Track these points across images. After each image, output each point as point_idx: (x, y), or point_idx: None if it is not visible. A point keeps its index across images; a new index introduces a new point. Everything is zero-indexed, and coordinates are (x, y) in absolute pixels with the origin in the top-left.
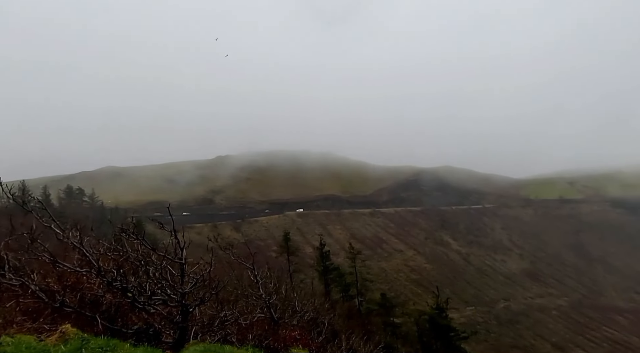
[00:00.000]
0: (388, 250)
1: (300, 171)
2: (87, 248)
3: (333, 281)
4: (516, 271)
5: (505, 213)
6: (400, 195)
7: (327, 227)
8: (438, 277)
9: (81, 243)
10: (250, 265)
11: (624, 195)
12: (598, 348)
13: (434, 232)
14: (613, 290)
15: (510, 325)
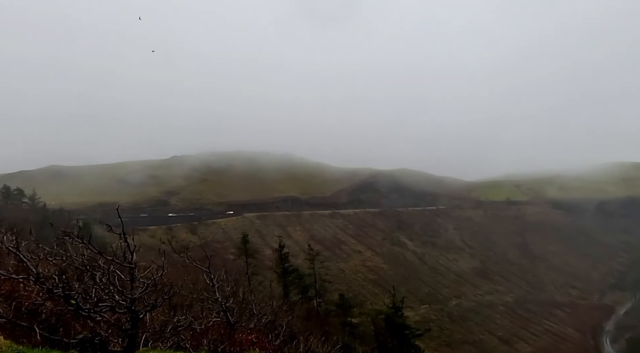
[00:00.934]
0: (347, 251)
1: (259, 172)
2: (25, 253)
3: (292, 283)
4: (467, 270)
5: (457, 215)
6: (359, 196)
7: (287, 228)
8: (395, 277)
9: (17, 248)
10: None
11: (563, 197)
12: (539, 340)
13: (391, 232)
14: (552, 285)
15: (462, 321)
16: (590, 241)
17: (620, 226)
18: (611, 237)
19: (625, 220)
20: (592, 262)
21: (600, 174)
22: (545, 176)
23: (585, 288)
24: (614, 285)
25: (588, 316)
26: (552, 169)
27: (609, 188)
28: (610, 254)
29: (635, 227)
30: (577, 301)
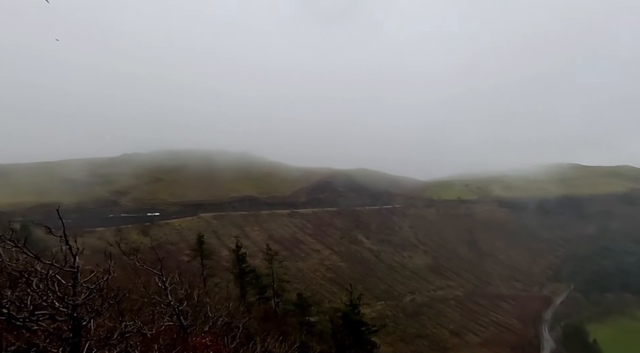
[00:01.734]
0: (305, 250)
1: (215, 171)
2: None
3: (249, 283)
4: (421, 266)
5: (412, 213)
6: (317, 196)
7: (245, 228)
8: (352, 275)
9: None
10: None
11: (508, 196)
12: (486, 331)
13: (349, 231)
14: (499, 279)
15: (415, 316)
16: (531, 237)
17: (558, 223)
18: (550, 233)
19: (562, 217)
20: (533, 257)
21: (540, 174)
22: (492, 176)
23: (527, 281)
24: (552, 277)
25: (529, 307)
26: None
27: (548, 188)
28: (549, 249)
29: (571, 223)
30: (520, 293)
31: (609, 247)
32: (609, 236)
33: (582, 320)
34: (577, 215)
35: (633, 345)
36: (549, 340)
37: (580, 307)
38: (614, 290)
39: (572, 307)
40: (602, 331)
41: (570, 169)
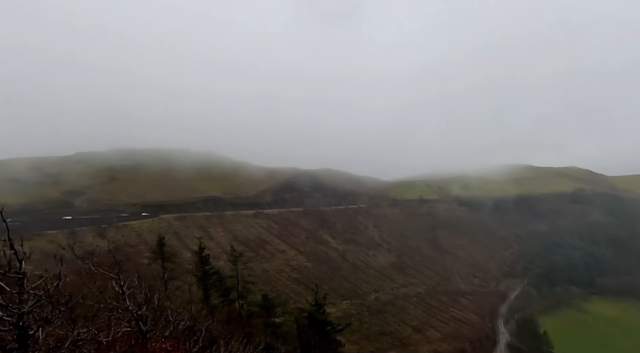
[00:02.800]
0: (271, 251)
1: (176, 171)
2: None
3: (213, 286)
4: (385, 265)
5: (376, 213)
6: (283, 196)
7: (208, 229)
8: (318, 275)
9: None
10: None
11: (467, 195)
12: (447, 326)
13: (315, 231)
14: (458, 276)
15: (379, 314)
16: (488, 234)
17: (513, 221)
18: (505, 231)
19: (517, 216)
20: (490, 253)
21: (497, 174)
22: (452, 176)
23: (485, 277)
24: (507, 273)
25: (486, 302)
26: (458, 170)
27: (504, 188)
28: (505, 246)
29: (525, 221)
30: (478, 289)
31: (558, 243)
32: (558, 233)
33: (534, 313)
34: (530, 214)
35: (579, 335)
36: (504, 333)
37: (532, 301)
38: (563, 283)
39: (525, 301)
40: (552, 323)
41: (524, 170)
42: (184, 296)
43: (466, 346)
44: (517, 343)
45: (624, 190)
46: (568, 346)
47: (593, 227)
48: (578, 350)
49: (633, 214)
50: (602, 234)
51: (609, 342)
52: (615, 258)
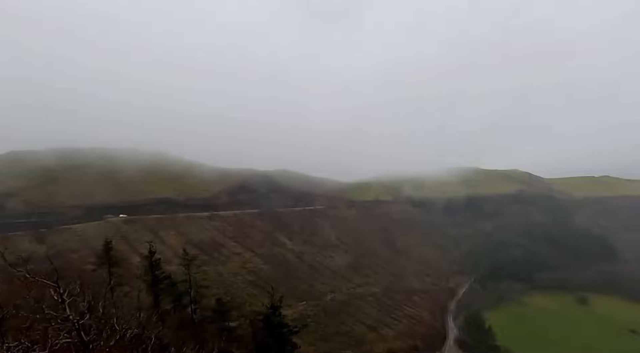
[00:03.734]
0: (226, 253)
1: (122, 171)
2: None
3: (164, 291)
4: (342, 265)
5: (333, 214)
6: (238, 197)
7: (159, 233)
8: (274, 277)
9: None
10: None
11: (420, 196)
12: (400, 324)
13: (271, 233)
14: (411, 275)
15: (336, 314)
16: (440, 234)
17: (462, 220)
18: (455, 230)
19: (465, 216)
20: (441, 252)
21: (448, 176)
22: (406, 178)
23: (436, 275)
24: (457, 271)
25: (437, 299)
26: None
27: (454, 189)
28: (454, 244)
29: (473, 221)
30: (430, 287)
31: (502, 241)
32: (502, 232)
33: (480, 308)
34: (478, 214)
35: (519, 327)
36: (453, 328)
37: (478, 297)
38: (505, 279)
39: (472, 297)
40: (496, 316)
41: (473, 173)
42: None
43: (418, 342)
44: (464, 338)
45: (559, 191)
46: (510, 338)
47: (532, 226)
48: (518, 341)
49: (567, 214)
50: (540, 233)
51: (545, 332)
52: (551, 254)
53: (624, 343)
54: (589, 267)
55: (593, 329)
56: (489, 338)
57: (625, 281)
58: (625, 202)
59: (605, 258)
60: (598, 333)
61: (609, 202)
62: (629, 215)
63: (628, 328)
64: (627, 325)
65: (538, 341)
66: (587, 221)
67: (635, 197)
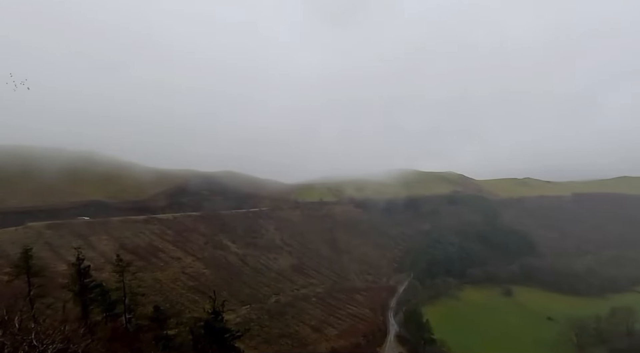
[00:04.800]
0: (164, 258)
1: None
2: None
3: (94, 301)
4: (286, 267)
5: (278, 215)
6: (179, 200)
7: (89, 238)
8: (216, 281)
9: None
10: None
11: (362, 197)
12: (343, 323)
13: (214, 236)
14: (354, 274)
15: (280, 316)
16: (381, 234)
17: (401, 220)
18: (395, 230)
19: (405, 216)
20: (382, 251)
21: (389, 178)
22: (349, 180)
23: (377, 274)
24: (396, 268)
25: (379, 297)
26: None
27: (395, 190)
28: (394, 243)
29: (412, 221)
30: (372, 285)
31: (438, 239)
32: (438, 231)
33: (418, 303)
34: (416, 214)
35: (455, 321)
36: (394, 324)
37: (417, 293)
38: (441, 275)
39: (411, 294)
40: (433, 311)
41: (412, 174)
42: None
43: (361, 340)
44: (404, 333)
45: (488, 192)
46: (445, 331)
47: (465, 225)
48: (453, 333)
49: (495, 213)
50: (472, 231)
51: (476, 324)
52: (482, 251)
53: (542, 330)
54: (513, 262)
55: (516, 319)
56: (426, 333)
57: (544, 273)
58: (543, 202)
59: (526, 253)
60: (520, 322)
61: (529, 202)
62: (545, 214)
63: (545, 316)
64: (545, 313)
65: (470, 333)
66: (511, 219)
67: (551, 197)
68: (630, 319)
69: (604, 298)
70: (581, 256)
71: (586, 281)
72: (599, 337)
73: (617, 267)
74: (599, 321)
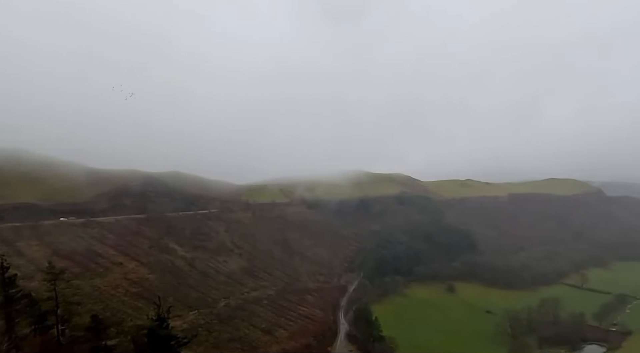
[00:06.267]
0: (105, 264)
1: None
2: None
3: (21, 312)
4: (236, 270)
5: (228, 217)
6: (122, 202)
7: (17, 244)
8: (162, 286)
9: None
10: None
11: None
12: (295, 324)
13: (159, 239)
14: (306, 275)
15: (229, 320)
16: (332, 234)
17: (352, 221)
18: (346, 230)
19: (356, 216)
20: (333, 252)
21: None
22: (302, 180)
23: (329, 274)
24: (347, 268)
25: (330, 297)
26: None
27: (346, 191)
28: (346, 244)
29: (363, 221)
30: (323, 285)
31: (387, 239)
32: (387, 230)
33: (368, 302)
34: (367, 214)
35: (402, 318)
36: (344, 323)
37: (367, 291)
38: (390, 274)
39: (362, 293)
40: (381, 309)
41: (363, 176)
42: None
43: (311, 341)
44: (354, 332)
45: (433, 193)
46: (393, 327)
47: (412, 225)
48: (401, 330)
49: (440, 213)
50: (419, 230)
51: (422, 319)
52: (427, 249)
53: (482, 323)
54: (456, 259)
55: (459, 313)
56: (375, 330)
57: (483, 270)
58: (483, 202)
59: (468, 251)
60: (462, 316)
61: (470, 202)
62: (485, 213)
63: (485, 310)
64: (485, 307)
65: (416, 328)
66: (454, 219)
67: (490, 198)
68: (556, 309)
69: (536, 291)
70: (517, 253)
71: (520, 276)
72: (530, 326)
73: (548, 262)
74: (530, 312)
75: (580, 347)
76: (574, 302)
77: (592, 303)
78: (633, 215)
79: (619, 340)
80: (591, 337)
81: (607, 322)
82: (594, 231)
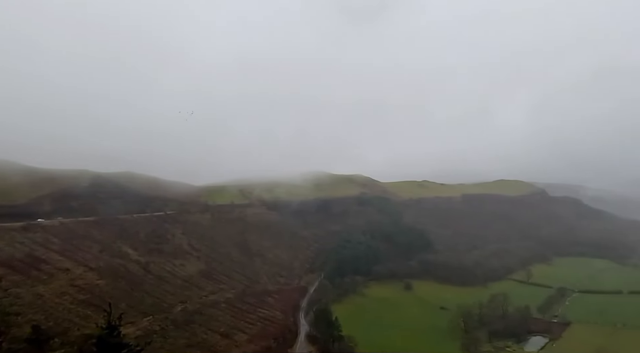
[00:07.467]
0: (49, 270)
1: None
2: None
3: None
4: (193, 273)
5: (186, 219)
6: (68, 203)
7: None
8: (113, 292)
9: None
10: None
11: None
12: (254, 327)
13: (111, 243)
14: (266, 277)
15: (186, 325)
16: (293, 235)
17: (313, 222)
18: (307, 231)
19: (316, 217)
20: (294, 253)
21: (301, 180)
22: (262, 182)
23: (289, 275)
24: (308, 269)
25: (290, 298)
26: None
27: (307, 192)
28: (306, 245)
29: (323, 222)
30: (284, 287)
31: (347, 239)
32: (347, 231)
33: (328, 302)
34: (327, 215)
35: (361, 317)
36: (305, 324)
37: (327, 292)
38: (350, 274)
39: (322, 293)
40: (341, 309)
41: (324, 177)
42: None
43: (271, 343)
44: (314, 332)
45: (392, 193)
46: (353, 327)
47: (371, 225)
48: (360, 329)
49: (398, 213)
50: (378, 230)
51: (381, 318)
52: (386, 249)
53: (436, 319)
54: (413, 258)
55: (415, 310)
56: (335, 330)
57: (438, 268)
58: (438, 202)
59: (424, 250)
60: (419, 313)
61: (426, 202)
62: (440, 213)
63: (439, 306)
64: (439, 303)
65: (375, 326)
66: (411, 219)
67: (444, 198)
68: (505, 303)
69: (487, 287)
70: (470, 251)
71: (473, 273)
72: (481, 321)
73: (498, 259)
74: (481, 307)
75: (526, 339)
76: (520, 297)
77: (536, 297)
78: (573, 215)
79: (559, 330)
80: (535, 329)
81: (549, 314)
82: (537, 229)
